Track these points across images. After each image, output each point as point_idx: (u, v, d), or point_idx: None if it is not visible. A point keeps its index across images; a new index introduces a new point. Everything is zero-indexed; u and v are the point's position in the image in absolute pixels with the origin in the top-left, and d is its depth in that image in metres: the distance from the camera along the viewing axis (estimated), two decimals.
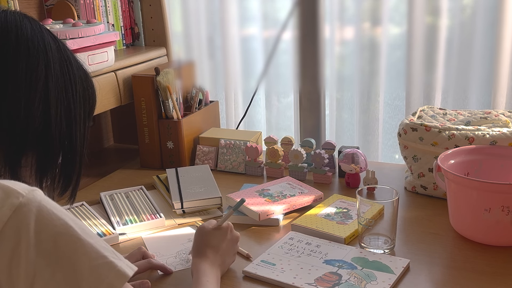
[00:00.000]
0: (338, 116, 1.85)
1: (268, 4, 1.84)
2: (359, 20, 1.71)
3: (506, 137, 1.24)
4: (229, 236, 1.06)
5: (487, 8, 1.56)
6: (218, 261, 1.02)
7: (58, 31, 1.32)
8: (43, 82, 0.72)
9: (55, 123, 0.73)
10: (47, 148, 0.74)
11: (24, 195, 0.62)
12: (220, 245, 1.04)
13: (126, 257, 1.06)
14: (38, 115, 0.72)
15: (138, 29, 1.80)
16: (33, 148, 0.73)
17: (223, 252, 1.04)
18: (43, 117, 0.72)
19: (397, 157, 1.80)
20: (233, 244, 1.07)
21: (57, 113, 0.74)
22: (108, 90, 1.52)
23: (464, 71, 1.63)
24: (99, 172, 1.64)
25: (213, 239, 1.04)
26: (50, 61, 0.74)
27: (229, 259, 1.06)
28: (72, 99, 0.76)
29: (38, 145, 0.73)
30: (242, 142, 1.58)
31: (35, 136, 0.72)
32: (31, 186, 0.67)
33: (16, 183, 0.64)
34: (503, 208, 1.06)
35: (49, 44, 0.74)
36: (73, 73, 0.77)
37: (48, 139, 0.74)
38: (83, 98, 0.78)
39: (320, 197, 1.34)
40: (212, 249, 1.03)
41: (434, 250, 1.11)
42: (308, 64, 1.65)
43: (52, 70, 0.73)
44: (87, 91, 0.79)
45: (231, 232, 1.07)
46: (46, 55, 0.74)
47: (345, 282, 1.00)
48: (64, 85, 0.75)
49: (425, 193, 1.35)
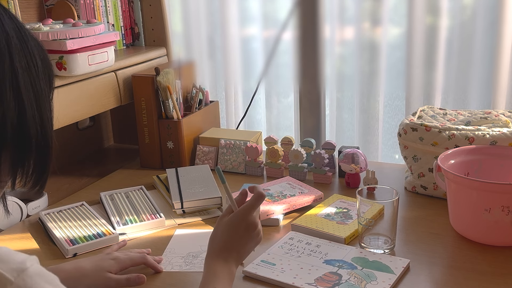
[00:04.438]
0: (338, 116, 1.85)
1: (268, 4, 1.84)
2: (359, 20, 1.71)
3: (506, 137, 1.24)
4: (251, 232, 0.96)
5: (487, 8, 1.56)
6: (233, 256, 0.94)
7: (58, 31, 1.32)
8: (8, 64, 0.60)
9: (29, 109, 0.62)
10: (23, 138, 0.62)
11: (12, 281, 0.53)
12: (234, 239, 0.94)
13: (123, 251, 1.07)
14: (12, 105, 0.60)
15: (138, 29, 1.80)
16: (8, 141, 0.61)
17: (238, 246, 0.95)
18: (17, 105, 0.61)
19: (397, 157, 1.80)
20: (249, 233, 0.95)
21: (28, 97, 0.62)
22: (108, 90, 1.52)
23: (464, 71, 1.63)
24: (99, 172, 1.65)
25: (226, 233, 0.95)
26: (7, 33, 0.61)
27: (244, 249, 0.96)
28: (37, 76, 0.64)
29: (14, 136, 0.61)
30: (242, 142, 1.58)
31: (12, 129, 0.61)
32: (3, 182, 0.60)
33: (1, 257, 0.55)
34: (503, 208, 1.06)
35: (1, 13, 0.62)
36: (30, 44, 0.64)
37: (22, 128, 0.62)
38: (43, 73, 0.65)
39: (320, 197, 1.34)
40: (226, 244, 0.94)
41: (434, 250, 1.11)
42: (308, 64, 1.65)
43: (13, 46, 0.61)
44: (45, 63, 0.66)
45: (245, 219, 0.95)
46: (2, 26, 0.61)
47: (345, 282, 1.00)
48: (26, 61, 0.62)
49: (425, 193, 1.35)
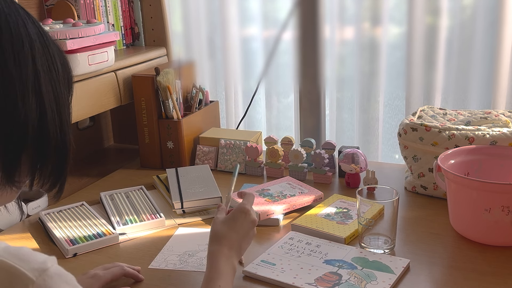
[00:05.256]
0: (338, 116, 1.85)
1: (268, 4, 1.84)
2: (359, 20, 1.71)
3: (506, 137, 1.24)
4: (249, 224, 1.00)
5: (487, 8, 1.56)
6: (234, 250, 0.97)
7: (58, 31, 1.32)
8: (31, 67, 0.60)
9: (49, 112, 0.62)
10: (43, 141, 0.63)
11: (34, 280, 0.53)
12: (241, 236, 0.98)
13: (98, 268, 1.05)
14: (34, 107, 0.60)
15: (138, 29, 1.80)
16: (29, 143, 0.62)
17: (239, 240, 0.98)
18: (38, 107, 0.61)
19: (397, 157, 1.80)
20: (252, 232, 1.01)
21: (49, 100, 0.62)
22: (108, 90, 1.52)
23: (464, 71, 1.63)
24: (99, 172, 1.65)
25: (227, 229, 0.98)
26: (31, 37, 0.61)
27: (245, 244, 1.00)
28: (57, 80, 0.64)
29: (34, 138, 0.62)
30: (242, 142, 1.58)
31: (33, 131, 0.61)
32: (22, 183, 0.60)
33: (23, 256, 0.55)
34: (503, 208, 1.06)
35: (25, 18, 0.62)
36: (51, 48, 0.64)
37: (43, 131, 0.62)
38: (63, 77, 0.66)
39: (320, 197, 1.34)
40: (230, 239, 0.97)
41: (434, 250, 1.11)
42: (308, 64, 1.65)
43: (36, 50, 0.61)
44: (65, 67, 0.67)
45: (246, 216, 1.00)
46: (26, 30, 0.61)
47: (345, 282, 1.00)
48: (47, 65, 0.63)
49: (425, 193, 1.35)
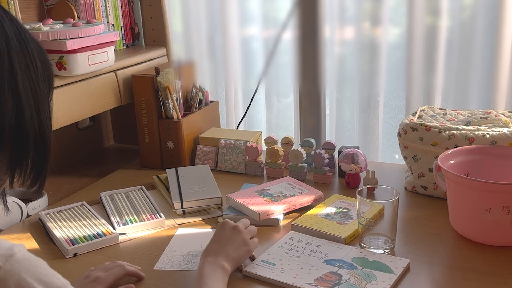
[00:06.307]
0: (338, 116, 1.85)
1: (268, 4, 1.84)
2: (359, 20, 1.71)
3: (506, 137, 1.24)
4: (229, 231, 1.06)
5: (487, 8, 1.56)
6: (220, 254, 1.01)
7: (58, 31, 1.32)
8: (7, 65, 0.60)
9: (27, 109, 0.63)
10: (21, 138, 0.63)
11: (1, 266, 0.54)
12: (223, 243, 1.03)
13: (99, 267, 1.05)
14: (10, 105, 0.61)
15: (138, 29, 1.79)
16: (6, 141, 0.62)
17: (224, 248, 1.03)
18: (15, 105, 0.61)
19: (397, 157, 1.80)
20: (236, 236, 1.05)
21: (27, 97, 0.62)
22: (108, 90, 1.52)
23: (464, 71, 1.63)
24: (99, 172, 1.65)
25: (209, 243, 1.05)
26: (8, 35, 0.61)
27: (233, 251, 1.03)
28: (36, 78, 0.64)
29: (11, 136, 0.62)
30: (242, 142, 1.58)
31: (10, 129, 0.61)
32: (1, 181, 0.60)
33: None
34: (503, 208, 1.06)
35: (2, 16, 0.62)
36: (30, 46, 0.64)
37: (21, 128, 0.63)
38: (42, 74, 0.66)
39: (320, 197, 1.34)
40: (214, 249, 1.03)
41: (434, 250, 1.11)
42: (308, 64, 1.65)
43: (13, 48, 0.61)
44: (45, 64, 0.67)
45: (225, 226, 1.07)
46: (2, 28, 0.61)
47: (345, 282, 1.00)
48: (25, 63, 0.63)
49: (425, 193, 1.35)
